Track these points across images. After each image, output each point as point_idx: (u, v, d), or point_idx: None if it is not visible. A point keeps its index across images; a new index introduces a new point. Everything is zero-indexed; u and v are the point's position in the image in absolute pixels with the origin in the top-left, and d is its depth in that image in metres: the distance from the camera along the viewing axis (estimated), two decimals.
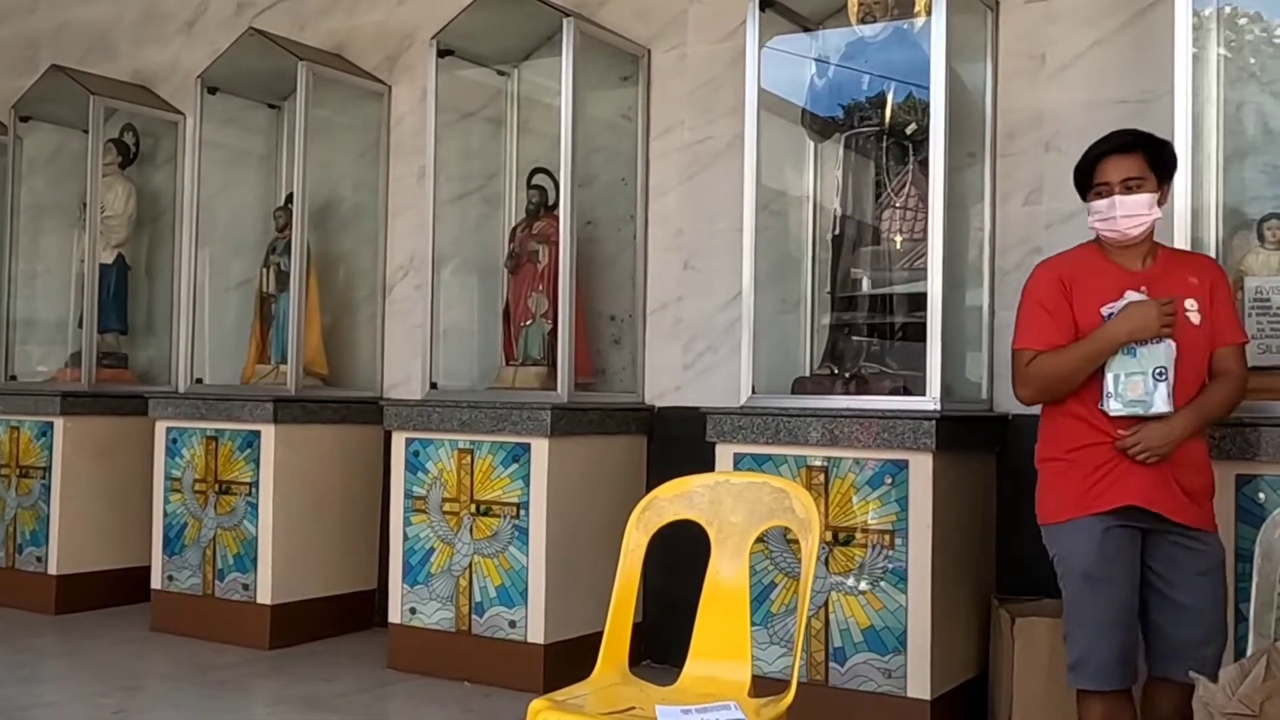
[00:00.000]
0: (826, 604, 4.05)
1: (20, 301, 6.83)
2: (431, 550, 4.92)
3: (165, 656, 5.28)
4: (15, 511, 6.22)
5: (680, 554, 3.37)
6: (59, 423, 6.07)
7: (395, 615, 5.01)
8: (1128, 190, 3.08)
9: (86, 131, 6.39)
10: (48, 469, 6.10)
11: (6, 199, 6.79)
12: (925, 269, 4.22)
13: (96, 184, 6.40)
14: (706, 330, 5.12)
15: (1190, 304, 3.08)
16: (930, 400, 4.02)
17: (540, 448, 4.70)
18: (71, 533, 6.09)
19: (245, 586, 5.41)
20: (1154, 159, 3.14)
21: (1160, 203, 3.16)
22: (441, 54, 5.25)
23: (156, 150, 6.88)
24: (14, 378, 6.67)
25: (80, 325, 6.43)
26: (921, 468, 3.95)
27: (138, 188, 6.76)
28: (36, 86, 6.65)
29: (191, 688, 4.81)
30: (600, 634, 3.59)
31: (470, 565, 4.82)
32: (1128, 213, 3.08)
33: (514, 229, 5.42)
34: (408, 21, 6.00)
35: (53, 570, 6.06)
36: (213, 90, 6.06)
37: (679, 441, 4.95)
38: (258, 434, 5.40)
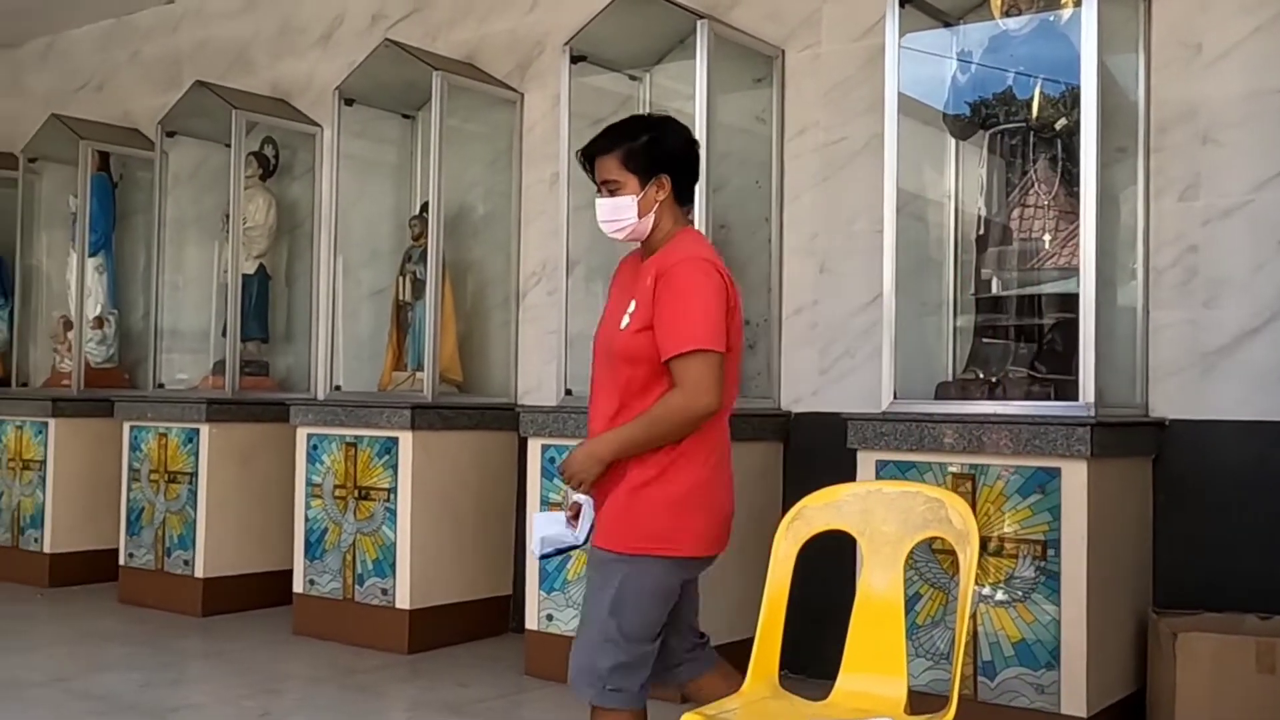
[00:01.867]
0: (975, 616, 3.93)
1: (166, 312, 7.02)
2: (568, 557, 4.91)
3: (306, 659, 5.37)
4: (164, 516, 6.40)
5: (817, 562, 3.29)
6: (205, 429, 6.23)
7: (532, 621, 5.01)
8: (609, 193, 2.92)
9: (228, 145, 6.56)
10: (194, 474, 6.26)
11: (153, 212, 7.00)
12: (1074, 268, 4.08)
13: (238, 196, 6.56)
14: (843, 334, 5.03)
15: (632, 305, 2.87)
16: (1083, 405, 3.87)
17: None
18: (217, 537, 6.24)
19: (384, 591, 5.47)
20: (631, 158, 2.89)
21: (659, 198, 2.91)
22: (574, 60, 5.25)
23: (295, 162, 7.03)
24: (161, 386, 6.86)
25: (224, 334, 6.60)
26: (1075, 476, 3.80)
27: (277, 199, 6.92)
28: (181, 102, 6.85)
29: (332, 691, 4.88)
30: (738, 641, 3.54)
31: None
32: (603, 216, 2.95)
33: None
34: (538, 28, 6.02)
35: (199, 573, 6.21)
36: (349, 102, 6.16)
37: (816, 448, 4.87)
38: (395, 440, 5.46)
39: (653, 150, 2.90)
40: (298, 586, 5.79)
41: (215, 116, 6.65)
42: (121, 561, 6.60)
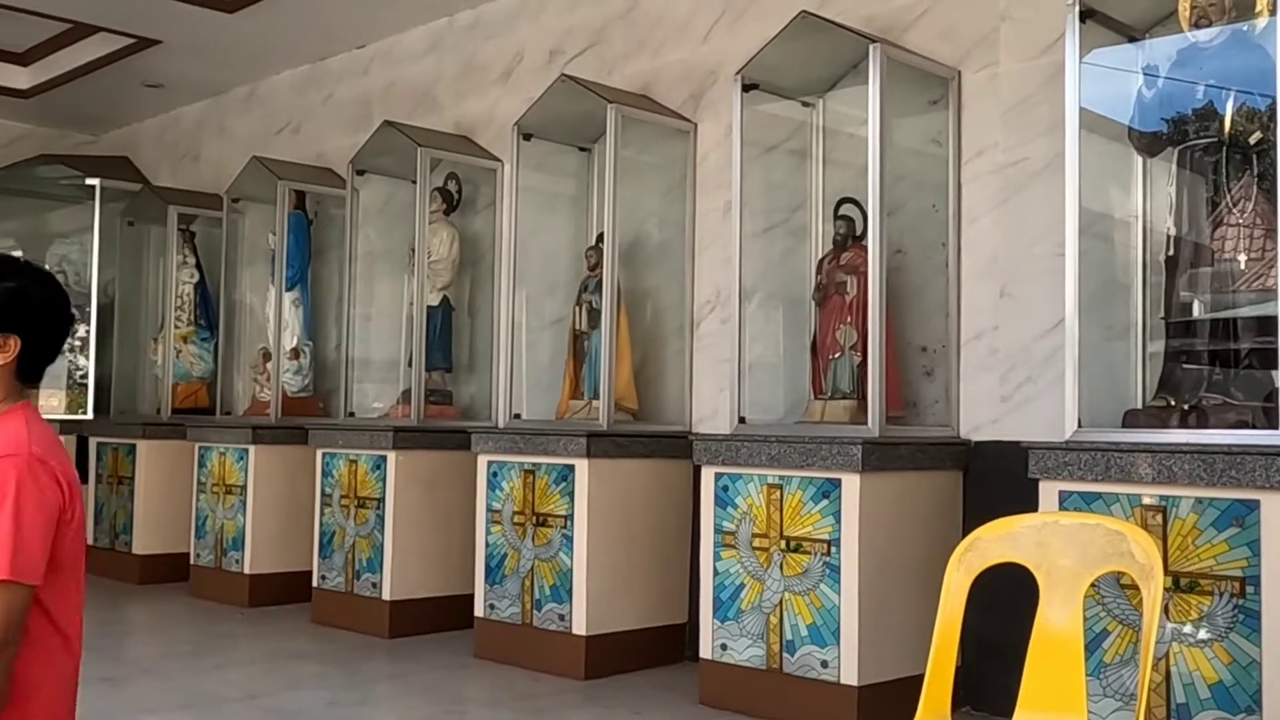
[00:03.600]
0: (1167, 656, 3.74)
1: (357, 343, 7.29)
2: (742, 586, 4.88)
3: (486, 683, 5.47)
4: (354, 540, 6.63)
5: (999, 595, 3.19)
6: (391, 456, 6.43)
7: (706, 651, 4.99)
8: None
9: (414, 181, 6.79)
10: (382, 500, 6.47)
11: (345, 248, 7.29)
12: (1274, 289, 3.87)
13: (423, 231, 6.79)
14: (1025, 360, 4.88)
15: None
16: None
17: (851, 483, 4.59)
18: (403, 561, 6.43)
19: (561, 617, 5.54)
20: None
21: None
22: (746, 88, 5.25)
23: (477, 196, 7.23)
24: (352, 414, 7.12)
25: (410, 364, 6.82)
26: (1275, 508, 3.58)
27: (460, 232, 7.12)
28: (370, 142, 7.13)
29: (510, 715, 4.96)
30: (915, 677, 3.45)
31: (781, 602, 4.75)
32: None
33: (821, 260, 5.35)
34: (711, 58, 6.05)
35: (386, 596, 6.40)
36: (528, 136, 6.31)
37: (997, 477, 4.73)
38: (572, 468, 5.53)
39: (14, 302, 2.25)
40: (478, 611, 5.91)
41: (402, 154, 6.90)
42: (314, 583, 6.86)
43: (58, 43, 8.73)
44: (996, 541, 2.79)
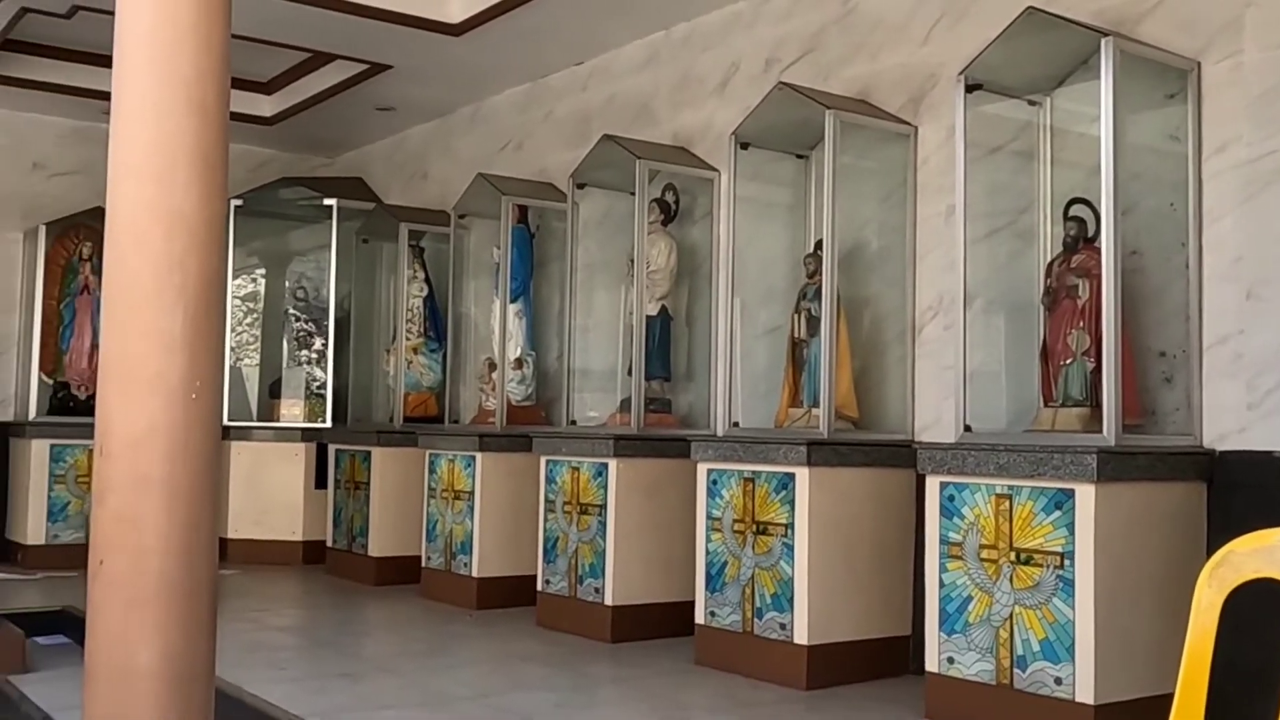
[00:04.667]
0: None
1: (577, 352, 7.46)
2: (969, 599, 4.76)
3: (706, 690, 5.50)
4: (576, 545, 6.77)
5: (1251, 615, 3.01)
6: (613, 464, 6.54)
7: (932, 664, 4.89)
8: None
9: (633, 193, 6.90)
10: (603, 506, 6.59)
11: (566, 260, 7.48)
12: None
13: (642, 242, 6.89)
14: (1275, 366, 4.60)
15: None
16: None
17: (1085, 494, 4.42)
18: (624, 566, 6.53)
19: (782, 626, 5.52)
20: None
21: None
22: (969, 89, 5.14)
23: (694, 206, 7.29)
24: (574, 422, 7.27)
25: (629, 373, 6.92)
26: None
27: (678, 243, 7.19)
28: (590, 156, 7.29)
29: None
30: (1154, 697, 3.30)
31: (1011, 616, 4.62)
32: None
33: (1050, 263, 5.18)
34: (931, 60, 5.94)
35: (608, 601, 6.51)
36: (744, 146, 6.32)
37: (1245, 489, 4.49)
38: (792, 476, 5.51)
39: None
40: (699, 618, 5.94)
41: (620, 167, 7.03)
42: (539, 587, 7.04)
43: (298, 72, 9.25)
44: (1252, 555, 2.62)
